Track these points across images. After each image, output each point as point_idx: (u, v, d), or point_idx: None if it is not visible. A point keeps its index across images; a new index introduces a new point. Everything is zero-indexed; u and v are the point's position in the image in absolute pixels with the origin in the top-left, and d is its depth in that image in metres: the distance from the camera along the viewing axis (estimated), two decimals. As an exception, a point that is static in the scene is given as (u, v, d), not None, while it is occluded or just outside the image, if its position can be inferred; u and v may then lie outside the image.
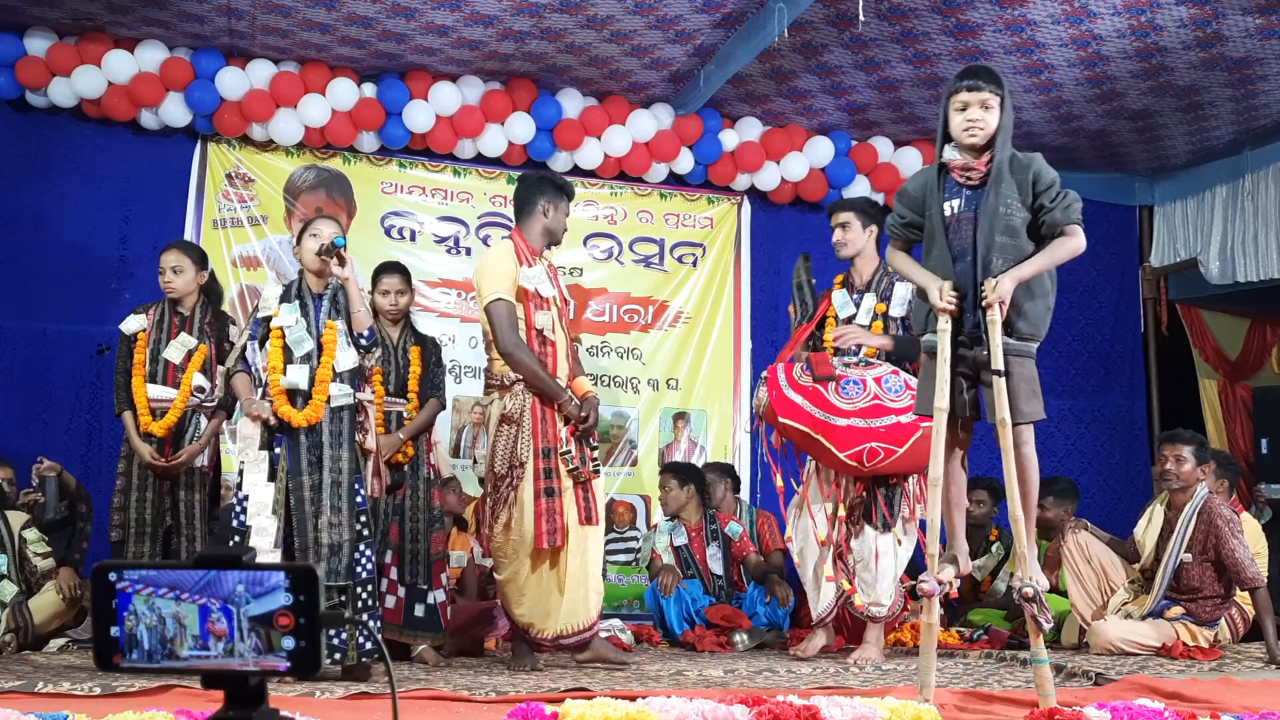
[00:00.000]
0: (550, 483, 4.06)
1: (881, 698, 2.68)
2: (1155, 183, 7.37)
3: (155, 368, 4.55)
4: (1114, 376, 7.35)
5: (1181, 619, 4.75)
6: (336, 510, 3.68)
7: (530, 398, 4.10)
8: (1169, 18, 5.20)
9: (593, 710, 2.44)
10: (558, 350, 4.20)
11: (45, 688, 3.12)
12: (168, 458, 4.48)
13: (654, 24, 5.49)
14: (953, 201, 3.18)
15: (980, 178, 3.14)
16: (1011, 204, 3.10)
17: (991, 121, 3.12)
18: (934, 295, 3.12)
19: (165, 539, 4.50)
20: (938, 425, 3.09)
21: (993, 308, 3.03)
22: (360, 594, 3.74)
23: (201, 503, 4.56)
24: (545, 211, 4.29)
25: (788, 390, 4.35)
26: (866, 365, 4.42)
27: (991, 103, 3.12)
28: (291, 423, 3.73)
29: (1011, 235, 3.10)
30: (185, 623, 1.30)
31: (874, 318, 4.56)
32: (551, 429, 4.10)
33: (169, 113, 5.85)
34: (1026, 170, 3.13)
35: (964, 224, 3.15)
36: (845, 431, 4.27)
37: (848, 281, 4.69)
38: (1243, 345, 7.55)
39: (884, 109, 6.43)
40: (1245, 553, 4.65)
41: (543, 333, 4.15)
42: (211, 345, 4.61)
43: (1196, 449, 4.85)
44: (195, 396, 4.56)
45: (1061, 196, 3.12)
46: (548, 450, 4.09)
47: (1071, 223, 3.12)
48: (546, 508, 4.03)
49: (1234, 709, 2.81)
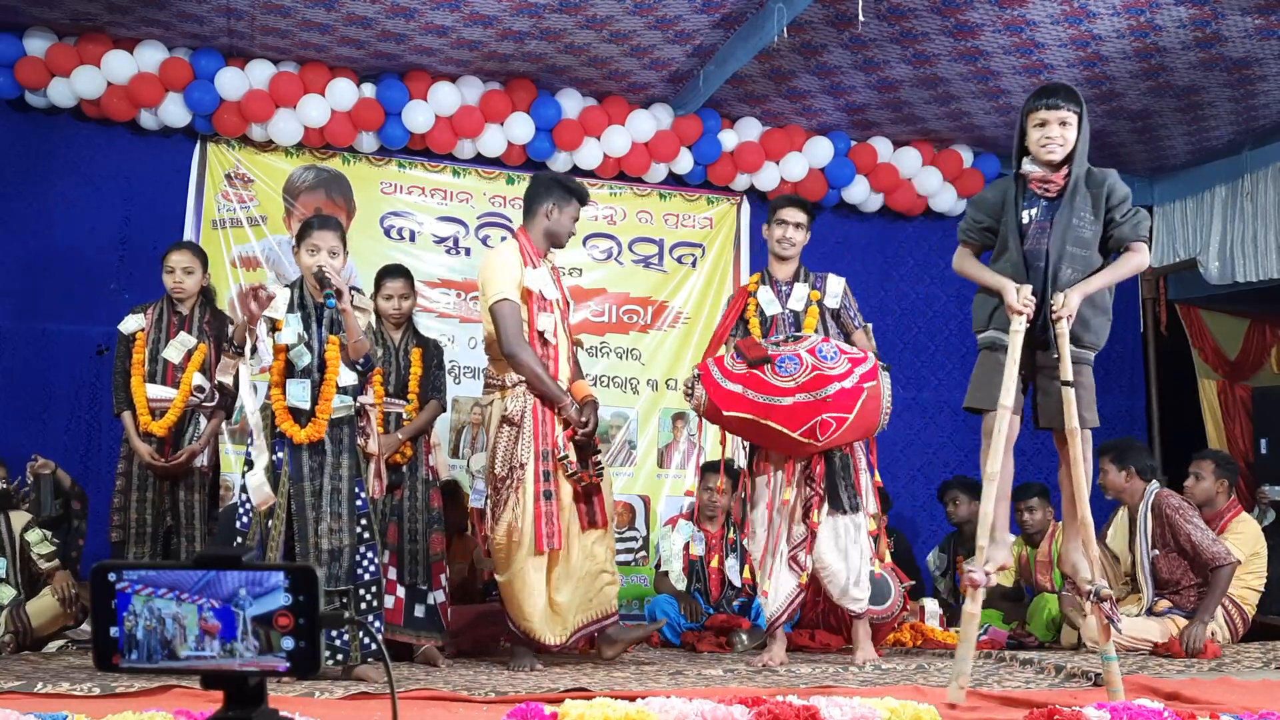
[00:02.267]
0: (550, 485, 4.04)
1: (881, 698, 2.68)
2: (1154, 183, 7.38)
3: (154, 367, 4.55)
4: (1113, 376, 7.35)
5: (1169, 613, 4.77)
6: (337, 516, 3.69)
7: (531, 399, 4.09)
8: (1168, 18, 5.20)
9: (592, 710, 2.44)
10: (559, 353, 4.19)
11: (44, 688, 3.11)
12: (167, 458, 4.47)
13: (653, 24, 5.50)
14: (1030, 210, 3.32)
15: (1058, 190, 3.28)
16: (1085, 216, 3.26)
17: (1070, 138, 3.27)
18: (1011, 297, 3.23)
19: (165, 539, 4.49)
20: (1000, 423, 3.21)
21: (1061, 320, 3.17)
22: (365, 596, 3.74)
23: (201, 503, 4.56)
24: (549, 213, 4.28)
25: (724, 382, 4.20)
26: (795, 340, 4.31)
27: (1069, 120, 3.27)
28: (294, 439, 3.71)
29: (1083, 247, 3.27)
30: (185, 623, 1.30)
31: (808, 304, 4.52)
32: (552, 431, 4.09)
33: (168, 113, 5.85)
34: (1102, 186, 3.29)
35: (1038, 232, 3.29)
36: (792, 409, 4.11)
37: (767, 278, 4.64)
38: (1242, 345, 7.56)
39: (883, 109, 6.43)
40: (1203, 535, 4.72)
41: (544, 335, 4.15)
42: (211, 345, 4.60)
43: (1114, 457, 4.99)
44: (195, 396, 4.55)
45: (1133, 213, 3.29)
46: (547, 453, 4.06)
47: (1139, 239, 3.28)
48: (546, 510, 4.00)
49: (1233, 709, 2.81)
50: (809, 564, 4.36)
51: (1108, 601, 3.14)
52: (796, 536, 4.36)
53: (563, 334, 4.23)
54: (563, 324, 4.24)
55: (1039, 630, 5.24)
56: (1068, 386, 3.17)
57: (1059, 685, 3.66)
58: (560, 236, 4.32)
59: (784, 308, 4.55)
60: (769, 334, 4.49)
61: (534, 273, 4.15)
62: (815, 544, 4.35)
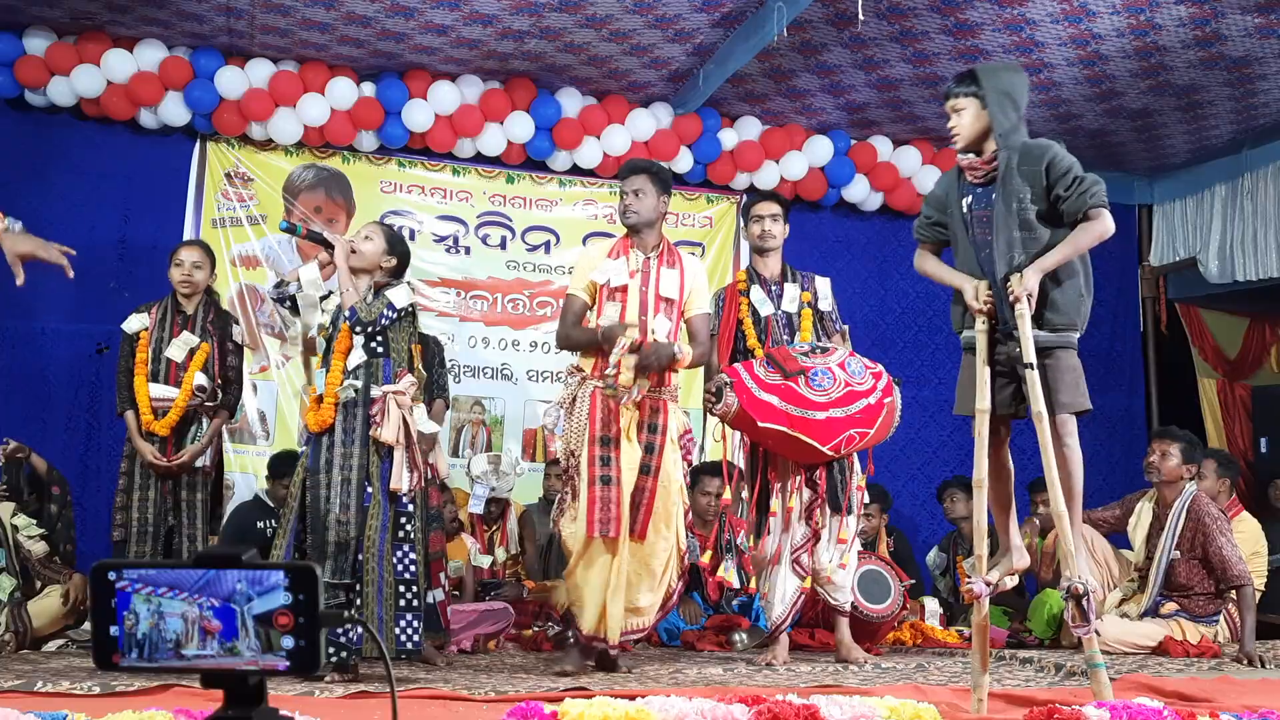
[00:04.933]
0: (607, 470, 3.91)
1: (881, 697, 2.68)
2: (1154, 182, 7.38)
3: (157, 367, 4.53)
4: (1113, 375, 7.35)
5: (1175, 615, 4.76)
6: (345, 508, 3.63)
7: (587, 387, 3.99)
8: (1168, 17, 5.20)
9: (592, 710, 2.44)
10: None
11: (44, 687, 3.11)
12: (170, 457, 4.47)
13: (653, 23, 5.49)
14: (966, 199, 3.23)
15: (984, 176, 3.17)
16: (1024, 197, 3.11)
17: (965, 122, 3.18)
18: (969, 295, 3.16)
19: (167, 539, 4.48)
20: (979, 427, 3.10)
21: (1020, 301, 3.05)
22: (404, 593, 3.71)
23: (203, 502, 4.54)
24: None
25: (758, 391, 4.11)
26: (823, 352, 4.29)
27: (962, 106, 3.18)
28: (308, 426, 3.77)
29: (1029, 229, 3.12)
30: (185, 622, 1.30)
31: (801, 306, 4.50)
32: (615, 421, 3.96)
33: (168, 112, 5.84)
34: (1040, 161, 3.13)
35: (980, 221, 3.19)
36: (825, 424, 4.11)
37: (755, 277, 4.57)
38: (1241, 344, 7.56)
39: (883, 108, 6.43)
40: (1233, 551, 4.67)
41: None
42: (214, 344, 4.59)
43: (1185, 448, 4.86)
44: (197, 395, 4.53)
45: (1078, 183, 3.11)
46: (606, 438, 3.94)
47: (1092, 207, 3.10)
48: (601, 496, 3.88)
49: (1233, 708, 2.81)
50: (810, 565, 4.37)
51: (1084, 598, 2.96)
52: (799, 539, 4.37)
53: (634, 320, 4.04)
54: (640, 314, 4.04)
55: (1039, 629, 5.24)
56: (1029, 369, 3.04)
57: (1058, 683, 3.66)
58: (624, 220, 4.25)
59: (777, 308, 4.52)
60: (767, 335, 4.47)
61: (608, 264, 4.09)
62: (816, 546, 4.37)
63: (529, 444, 6.49)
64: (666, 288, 4.07)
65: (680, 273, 4.11)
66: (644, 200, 4.09)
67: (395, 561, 3.71)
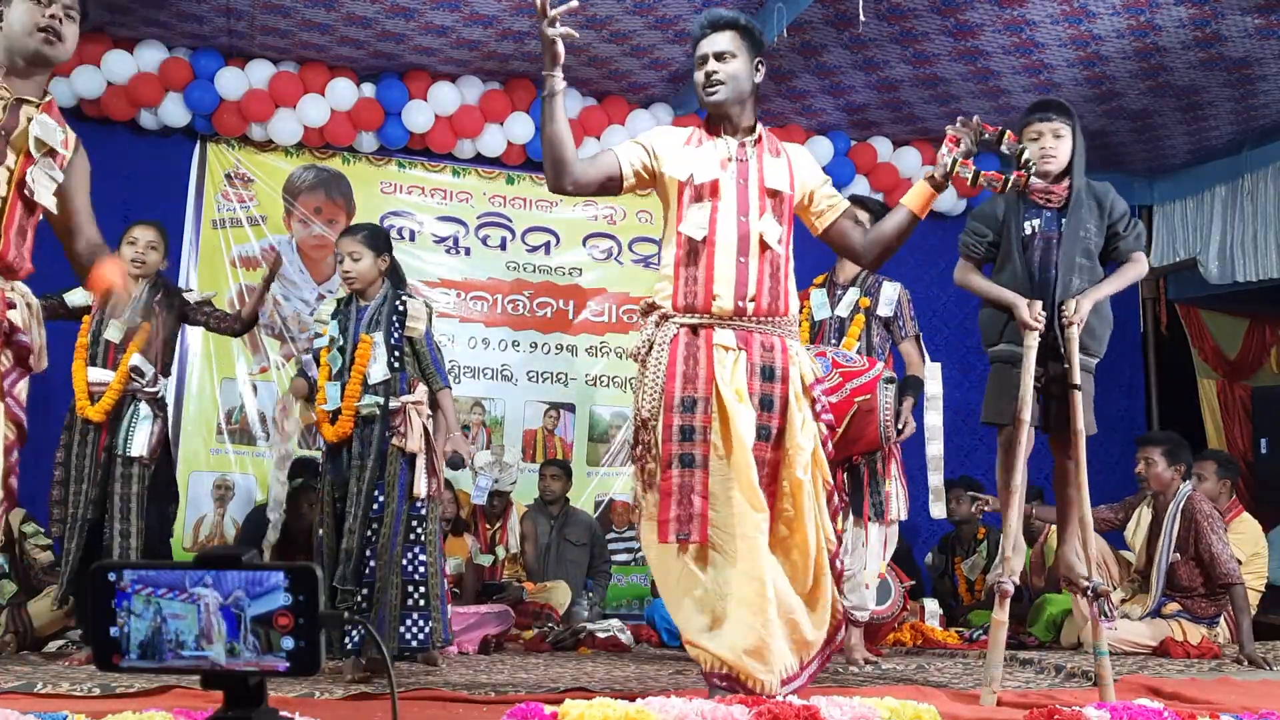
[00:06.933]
0: (689, 447, 2.79)
1: (881, 697, 2.68)
2: (1154, 182, 7.37)
3: (96, 350, 4.21)
4: (1113, 376, 7.34)
5: (1177, 616, 4.77)
6: (355, 517, 3.75)
7: (672, 326, 2.89)
8: (1168, 18, 5.20)
9: (592, 710, 2.44)
10: (715, 252, 2.92)
11: (44, 688, 3.11)
12: (104, 446, 4.14)
13: (653, 24, 5.49)
14: (1033, 222, 3.38)
15: (1061, 201, 3.36)
16: (1090, 228, 3.35)
17: (1064, 150, 3.35)
18: (1024, 313, 3.29)
19: (95, 532, 4.13)
20: (1018, 436, 3.26)
21: (1072, 326, 3.26)
22: (412, 593, 3.80)
23: (139, 496, 4.15)
24: None
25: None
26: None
27: (1063, 132, 3.35)
28: (325, 439, 3.85)
29: (1089, 258, 3.36)
30: (185, 623, 1.30)
31: (855, 310, 4.45)
32: (706, 368, 2.83)
33: (168, 113, 5.85)
34: (1104, 198, 3.41)
35: (1044, 244, 3.35)
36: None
37: (830, 280, 4.52)
38: (1241, 345, 7.56)
39: (883, 109, 6.43)
40: (1224, 549, 4.69)
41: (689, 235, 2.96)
42: (157, 323, 4.27)
43: (1167, 450, 4.90)
44: (135, 380, 4.18)
45: (1133, 224, 3.41)
46: (690, 401, 2.82)
47: (1139, 250, 3.42)
48: (679, 483, 2.78)
49: (1234, 709, 2.81)
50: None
51: (1104, 598, 3.19)
52: None
53: (730, 231, 2.92)
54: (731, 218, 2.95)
55: (1039, 631, 5.25)
56: (1076, 390, 3.24)
57: (1059, 685, 3.66)
58: None
59: (832, 313, 4.44)
60: (817, 340, 4.41)
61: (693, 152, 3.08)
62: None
63: (529, 444, 6.49)
64: (773, 178, 3.03)
65: (788, 162, 3.11)
66: (734, 64, 3.12)
67: (405, 563, 3.80)
